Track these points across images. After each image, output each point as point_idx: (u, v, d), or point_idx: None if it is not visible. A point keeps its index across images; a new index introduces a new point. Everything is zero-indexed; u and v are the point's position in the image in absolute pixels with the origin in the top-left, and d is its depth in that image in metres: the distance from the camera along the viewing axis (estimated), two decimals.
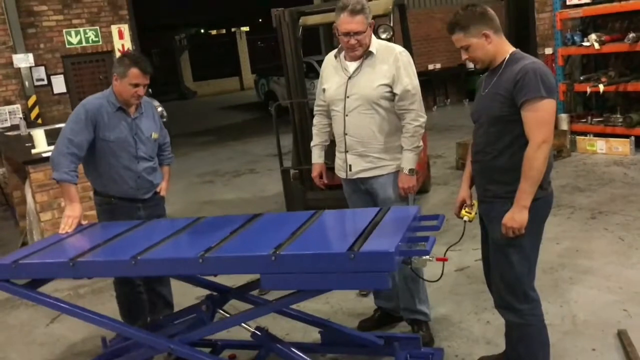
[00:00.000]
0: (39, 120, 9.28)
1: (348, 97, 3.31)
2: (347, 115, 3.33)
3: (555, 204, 2.86)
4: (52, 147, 5.31)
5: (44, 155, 5.23)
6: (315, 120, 3.66)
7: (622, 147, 7.23)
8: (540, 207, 2.67)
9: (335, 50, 3.45)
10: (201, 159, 10.71)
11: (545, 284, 4.07)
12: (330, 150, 3.70)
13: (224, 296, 3.06)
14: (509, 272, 2.75)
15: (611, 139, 7.39)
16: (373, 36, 3.31)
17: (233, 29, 27.06)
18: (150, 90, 11.64)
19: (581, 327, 3.50)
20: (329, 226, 2.80)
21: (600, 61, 8.28)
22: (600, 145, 7.44)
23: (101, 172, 3.52)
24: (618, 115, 7.62)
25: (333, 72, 3.41)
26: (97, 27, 9.95)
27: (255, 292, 3.29)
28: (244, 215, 3.12)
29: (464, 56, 2.73)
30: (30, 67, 9.41)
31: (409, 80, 3.27)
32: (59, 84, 9.87)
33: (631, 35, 7.08)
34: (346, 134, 3.36)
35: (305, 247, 2.47)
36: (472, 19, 2.65)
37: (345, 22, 3.17)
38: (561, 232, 4.96)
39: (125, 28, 10.15)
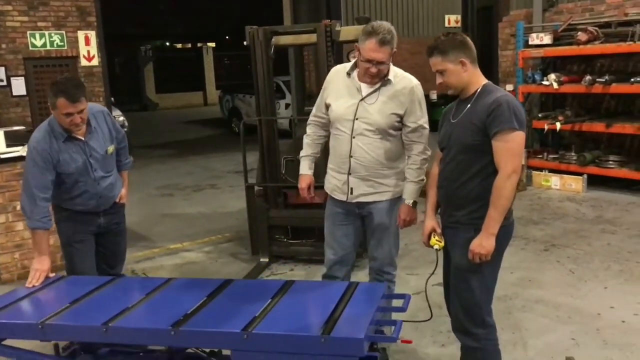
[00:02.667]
0: None
1: (357, 119, 3.22)
2: (354, 137, 3.24)
3: None
4: (10, 149, 5.24)
5: (2, 157, 5.11)
6: (309, 130, 3.54)
7: (575, 184, 7.51)
8: (503, 236, 2.76)
9: (347, 66, 3.34)
10: (160, 171, 10.58)
11: (498, 311, 4.15)
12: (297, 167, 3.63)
13: None
14: (469, 297, 2.82)
15: (565, 176, 7.66)
16: (391, 64, 3.23)
17: (199, 44, 27.01)
18: (112, 99, 11.41)
19: (531, 353, 3.60)
20: (300, 301, 2.81)
21: (558, 100, 8.63)
22: (555, 181, 7.70)
23: (62, 195, 3.46)
24: (573, 154, 7.92)
25: (343, 90, 3.30)
26: (63, 32, 9.77)
27: None
28: (214, 280, 3.12)
29: (439, 80, 2.82)
30: None
31: (422, 114, 3.25)
32: (18, 86, 9.63)
33: (587, 77, 7.41)
34: (352, 156, 3.26)
35: (276, 326, 2.50)
36: (452, 45, 2.75)
37: (372, 50, 3.08)
38: (515, 262, 5.11)
39: (92, 35, 10.00)
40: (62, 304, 2.86)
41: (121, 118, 11.45)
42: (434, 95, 13.80)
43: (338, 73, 3.39)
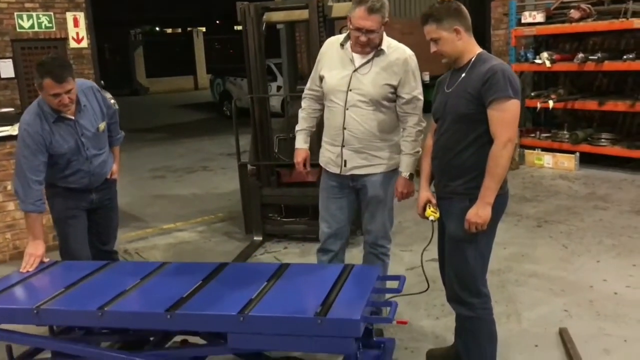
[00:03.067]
0: None
1: (350, 90, 3.19)
2: (347, 109, 3.22)
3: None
4: (0, 129, 5.17)
5: None
6: (304, 104, 3.49)
7: (567, 162, 7.53)
8: (498, 205, 2.76)
9: (340, 37, 3.30)
10: (152, 155, 10.52)
11: (492, 285, 4.13)
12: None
13: None
14: (464, 267, 2.83)
15: (558, 154, 7.68)
16: (384, 34, 3.20)
17: (189, 29, 26.75)
18: (102, 82, 11.29)
19: (525, 325, 3.62)
20: (295, 284, 2.80)
21: (551, 79, 8.62)
22: (548, 159, 7.72)
23: (55, 175, 3.42)
24: (565, 132, 7.93)
25: (337, 62, 3.26)
26: (52, 13, 9.63)
27: None
28: (209, 264, 3.11)
29: (433, 49, 2.80)
30: None
31: (416, 85, 3.22)
32: (6, 69, 9.50)
33: (580, 55, 7.40)
34: (345, 128, 3.24)
35: (273, 308, 2.50)
36: (446, 13, 2.72)
37: (360, 18, 3.04)
38: (508, 238, 5.12)
39: (80, 16, 9.87)
40: (56, 289, 2.85)
41: (112, 101, 11.33)
42: (426, 77, 13.76)
43: (332, 44, 3.35)
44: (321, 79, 3.35)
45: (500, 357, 3.21)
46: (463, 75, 2.76)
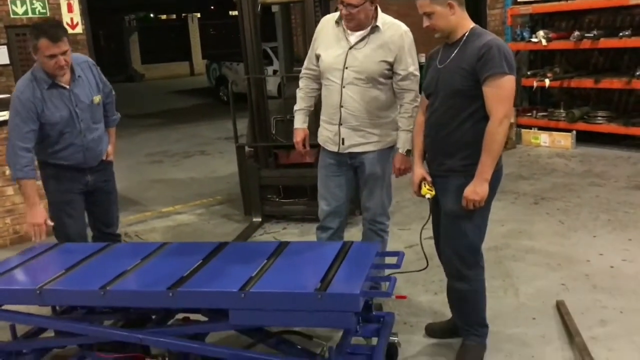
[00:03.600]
0: None
1: (347, 68, 3.21)
2: (344, 87, 3.23)
3: (500, 189, 2.97)
4: None
5: None
6: (302, 84, 3.50)
7: (564, 140, 7.55)
8: (494, 180, 2.78)
9: (335, 15, 3.31)
10: (149, 139, 10.51)
11: (489, 261, 4.17)
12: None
13: None
14: (462, 242, 2.86)
15: (554, 133, 7.70)
16: (380, 10, 3.21)
17: (184, 15, 26.57)
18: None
19: (523, 298, 3.66)
20: (295, 261, 2.83)
21: (547, 58, 8.60)
22: (544, 138, 7.74)
23: (47, 149, 3.39)
24: (561, 111, 7.93)
25: (332, 39, 3.28)
26: None
27: None
28: (209, 243, 3.13)
29: (426, 23, 2.80)
30: None
31: (412, 62, 3.23)
32: (1, 55, 9.42)
33: (576, 33, 7.40)
34: (342, 106, 3.26)
35: (273, 284, 2.53)
36: None
37: None
38: (505, 216, 5.16)
39: (74, 1, 9.81)
40: (58, 270, 2.87)
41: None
42: (422, 59, 13.71)
43: (327, 22, 3.36)
44: (317, 57, 3.35)
45: (498, 330, 3.27)
46: (456, 50, 2.76)
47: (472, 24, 2.81)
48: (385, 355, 2.76)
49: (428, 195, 2.94)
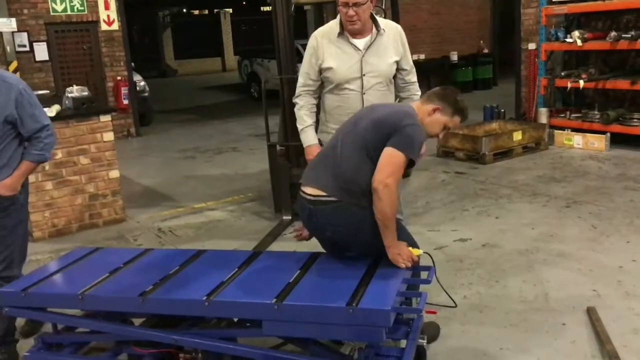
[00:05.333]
0: None
1: (364, 75, 3.29)
2: (364, 93, 3.30)
3: (531, 192, 2.95)
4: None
5: None
6: (302, 102, 3.52)
7: (598, 142, 7.44)
8: None
9: (329, 28, 3.38)
10: (182, 135, 10.68)
11: (519, 265, 4.23)
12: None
13: None
14: None
15: (588, 135, 7.59)
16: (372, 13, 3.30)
17: (216, 10, 26.79)
18: (132, 64, 11.39)
19: (553, 304, 3.65)
20: (327, 273, 2.86)
21: (581, 58, 8.48)
22: (577, 140, 7.64)
23: None
24: (596, 112, 7.82)
25: (338, 51, 3.32)
26: None
27: None
28: (243, 252, 3.24)
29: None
30: (13, 33, 9.25)
31: (410, 56, 3.47)
32: (41, 52, 9.71)
33: (613, 34, 7.27)
34: None
35: (306, 297, 2.58)
36: None
37: None
38: (537, 219, 5.13)
39: None
40: (99, 276, 2.95)
41: (142, 83, 11.48)
42: (454, 57, 13.63)
43: (322, 37, 3.38)
44: (323, 71, 3.37)
45: (528, 336, 3.27)
46: None
47: None
48: (414, 357, 2.78)
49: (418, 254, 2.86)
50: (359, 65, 3.30)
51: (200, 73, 24.31)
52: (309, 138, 3.50)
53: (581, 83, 7.58)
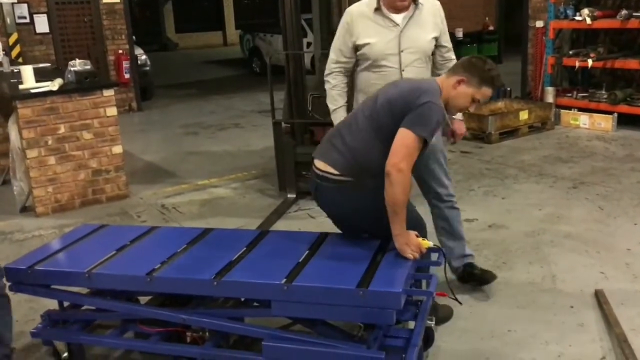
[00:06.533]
0: (20, 59, 9.03)
1: (402, 51, 3.19)
2: (403, 70, 3.22)
3: (538, 172, 2.90)
4: (40, 84, 5.26)
5: (32, 91, 5.15)
6: (335, 81, 3.41)
7: (604, 122, 7.37)
8: None
9: (361, 5, 3.29)
10: (183, 110, 10.58)
11: (526, 246, 4.20)
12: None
13: None
14: None
15: (595, 115, 7.51)
16: None
17: None
18: (134, 37, 11.22)
19: (560, 286, 3.63)
20: (337, 254, 2.81)
21: (590, 37, 8.36)
22: (584, 119, 7.57)
23: None
24: (603, 92, 7.73)
25: (374, 26, 3.22)
26: None
27: None
28: (251, 231, 3.21)
29: None
30: (13, 4, 9.12)
31: (448, 33, 3.42)
32: (41, 24, 9.57)
33: (623, 12, 7.15)
34: None
35: (315, 278, 2.54)
36: None
37: None
38: (543, 199, 5.09)
39: None
40: (105, 254, 2.92)
41: (143, 57, 11.33)
42: (459, 34, 13.47)
43: (360, 13, 3.28)
44: (358, 47, 3.28)
45: (535, 318, 3.26)
46: None
47: None
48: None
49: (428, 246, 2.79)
50: (397, 40, 3.19)
51: (201, 47, 24.06)
52: (341, 119, 3.42)
53: (589, 62, 7.47)
